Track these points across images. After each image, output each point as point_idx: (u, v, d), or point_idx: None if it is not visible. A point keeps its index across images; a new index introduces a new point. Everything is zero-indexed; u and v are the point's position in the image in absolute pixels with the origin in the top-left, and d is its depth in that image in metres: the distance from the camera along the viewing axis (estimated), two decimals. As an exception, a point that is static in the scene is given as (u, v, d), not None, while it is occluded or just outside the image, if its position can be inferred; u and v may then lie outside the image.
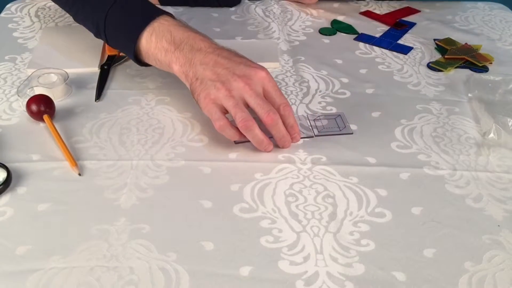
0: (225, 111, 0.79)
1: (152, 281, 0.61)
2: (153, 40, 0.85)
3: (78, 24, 1.03)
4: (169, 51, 0.83)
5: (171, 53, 0.83)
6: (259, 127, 0.78)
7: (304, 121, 0.87)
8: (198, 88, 0.80)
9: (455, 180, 0.77)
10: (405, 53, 1.06)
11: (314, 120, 0.87)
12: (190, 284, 0.61)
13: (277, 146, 0.81)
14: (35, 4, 1.20)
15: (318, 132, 0.85)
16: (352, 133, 0.85)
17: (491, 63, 1.03)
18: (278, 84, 0.95)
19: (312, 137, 0.84)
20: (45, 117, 0.83)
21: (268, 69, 0.98)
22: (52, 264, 0.63)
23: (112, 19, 0.89)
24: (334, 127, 0.86)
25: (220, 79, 0.78)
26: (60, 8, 1.16)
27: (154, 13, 0.87)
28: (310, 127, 0.86)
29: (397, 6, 1.24)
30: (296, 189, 0.75)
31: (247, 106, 0.78)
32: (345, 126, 0.86)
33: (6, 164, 0.75)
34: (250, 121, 0.77)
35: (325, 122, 0.87)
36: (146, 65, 0.90)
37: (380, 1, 1.25)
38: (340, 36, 1.13)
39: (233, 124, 0.79)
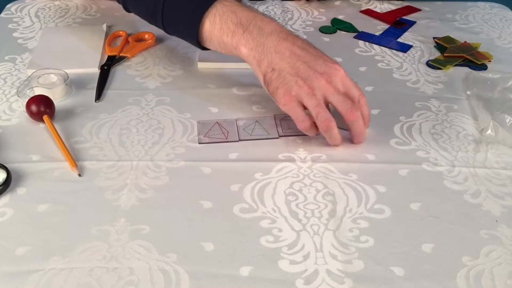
0: (304, 108, 0.79)
1: (152, 282, 0.62)
2: (217, 22, 0.83)
3: (77, 24, 1.02)
4: (236, 33, 0.82)
5: (240, 35, 0.81)
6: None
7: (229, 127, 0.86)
8: (276, 81, 0.79)
9: (454, 176, 0.77)
10: (405, 51, 1.06)
11: (244, 127, 0.85)
12: (190, 285, 0.61)
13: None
14: (35, 4, 1.20)
15: (243, 137, 0.84)
16: (278, 138, 0.84)
17: (490, 61, 1.03)
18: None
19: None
20: (45, 117, 0.84)
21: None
22: (51, 265, 0.63)
23: (171, 1, 0.87)
24: (261, 131, 0.85)
25: (300, 75, 0.78)
26: (60, 9, 1.17)
27: None
28: (237, 134, 0.84)
29: (398, 5, 1.24)
30: (296, 188, 0.75)
31: (327, 103, 0.79)
32: (269, 134, 0.84)
33: (6, 165, 0.75)
34: (332, 122, 0.78)
35: (257, 126, 0.86)
36: (206, 49, 0.89)
37: (381, 0, 1.25)
38: (340, 34, 1.13)
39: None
